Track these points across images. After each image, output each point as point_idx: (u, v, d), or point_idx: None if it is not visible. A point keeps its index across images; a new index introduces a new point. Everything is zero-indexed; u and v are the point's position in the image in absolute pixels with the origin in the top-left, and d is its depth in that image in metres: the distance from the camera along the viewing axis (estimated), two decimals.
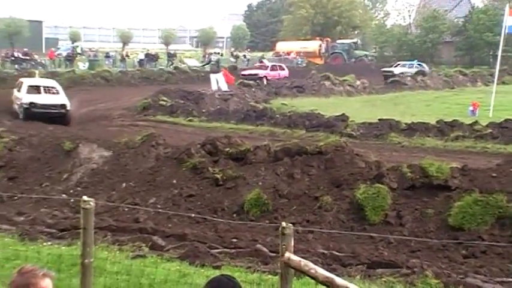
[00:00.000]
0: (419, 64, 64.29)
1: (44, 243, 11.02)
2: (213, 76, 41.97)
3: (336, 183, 14.15)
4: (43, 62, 58.93)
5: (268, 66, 58.98)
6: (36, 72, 37.24)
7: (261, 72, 55.65)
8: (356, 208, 13.26)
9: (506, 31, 33.91)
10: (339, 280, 5.76)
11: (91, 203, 7.58)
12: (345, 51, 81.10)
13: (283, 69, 59.98)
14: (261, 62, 66.19)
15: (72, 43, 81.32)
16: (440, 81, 54.82)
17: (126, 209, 14.23)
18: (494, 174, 13.37)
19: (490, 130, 24.45)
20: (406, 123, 26.23)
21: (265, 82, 51.38)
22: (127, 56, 67.79)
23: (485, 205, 12.18)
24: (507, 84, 52.33)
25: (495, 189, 12.59)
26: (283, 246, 6.31)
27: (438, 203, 12.94)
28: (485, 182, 13.10)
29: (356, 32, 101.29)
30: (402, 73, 58.01)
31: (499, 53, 35.89)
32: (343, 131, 25.52)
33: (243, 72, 55.66)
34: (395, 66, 63.68)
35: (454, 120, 26.46)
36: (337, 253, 11.21)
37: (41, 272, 4.44)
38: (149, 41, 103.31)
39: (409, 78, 53.77)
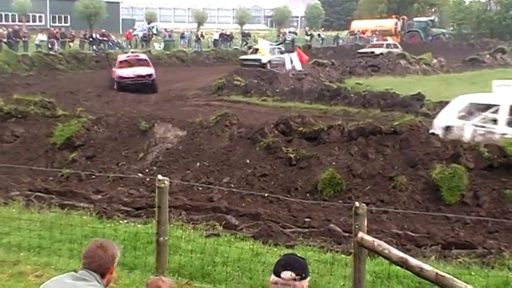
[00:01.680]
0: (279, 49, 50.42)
1: (121, 221, 11.26)
2: (287, 55, 41.90)
3: (411, 163, 13.96)
4: (120, 42, 59.86)
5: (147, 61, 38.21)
6: None
7: (149, 71, 35.99)
8: (431, 188, 13.08)
9: None
10: (412, 260, 5.70)
11: (166, 182, 7.70)
12: (422, 29, 79.51)
13: (148, 65, 37.46)
14: (131, 54, 42.08)
15: (148, 24, 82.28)
16: None
17: (200, 188, 14.38)
18: None
19: None
20: None
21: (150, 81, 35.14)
22: (202, 36, 68.23)
23: None
24: None
25: None
26: (357, 226, 6.29)
27: None
28: None
29: (433, 10, 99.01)
30: (269, 61, 45.03)
31: None
32: (418, 110, 25.16)
33: (121, 74, 35.02)
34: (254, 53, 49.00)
35: None
36: (411, 233, 11.11)
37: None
38: (224, 21, 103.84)
39: (487, 56, 51.99)
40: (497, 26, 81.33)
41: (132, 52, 44.10)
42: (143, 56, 39.77)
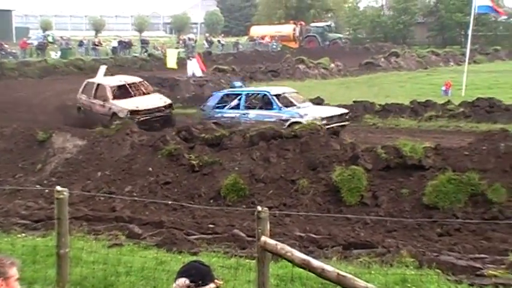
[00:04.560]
0: None
1: (19, 235, 10.94)
2: (189, 62, 41.72)
3: (311, 166, 14.19)
4: (14, 51, 58.22)
5: None
6: None
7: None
8: (332, 190, 13.32)
9: (476, 11, 34.20)
10: (315, 262, 5.78)
11: (65, 193, 7.55)
12: (319, 34, 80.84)
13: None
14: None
15: (44, 32, 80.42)
16: (413, 62, 54.95)
17: (102, 198, 14.18)
18: (466, 153, 13.51)
19: (462, 109, 24.75)
20: (380, 105, 26.35)
21: None
22: (100, 43, 67.17)
23: (459, 183, 12.31)
24: (478, 64, 52.76)
25: (468, 167, 12.74)
26: (260, 230, 6.34)
27: (413, 183, 13.06)
28: (458, 160, 13.23)
29: (329, 15, 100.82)
30: None
31: (470, 33, 36.06)
32: None
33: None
34: None
35: (427, 100, 26.68)
36: (314, 235, 11.25)
37: (8, 260, 4.40)
38: (122, 28, 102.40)
39: (382, 59, 53.38)
40: (390, 30, 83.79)
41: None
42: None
